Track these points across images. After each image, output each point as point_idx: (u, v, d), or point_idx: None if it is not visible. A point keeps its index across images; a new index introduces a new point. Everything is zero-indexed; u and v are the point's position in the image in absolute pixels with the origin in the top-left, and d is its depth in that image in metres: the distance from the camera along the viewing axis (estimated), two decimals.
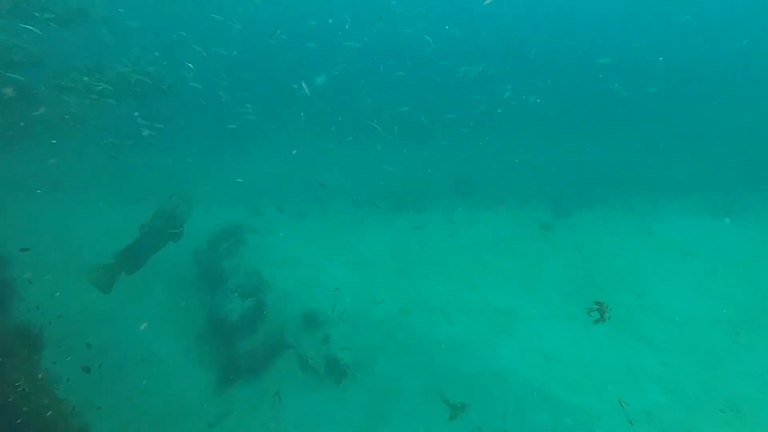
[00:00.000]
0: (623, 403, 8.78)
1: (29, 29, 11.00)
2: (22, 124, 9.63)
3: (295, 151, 19.07)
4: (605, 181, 20.31)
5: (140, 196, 17.15)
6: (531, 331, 11.63)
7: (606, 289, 13.01)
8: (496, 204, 19.39)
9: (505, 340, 11.49)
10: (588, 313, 8.61)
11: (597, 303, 8.58)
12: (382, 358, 11.71)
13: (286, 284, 14.94)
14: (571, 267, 14.29)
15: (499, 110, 18.41)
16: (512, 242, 16.46)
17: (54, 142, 11.75)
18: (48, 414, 5.84)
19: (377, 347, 12.09)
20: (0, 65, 9.77)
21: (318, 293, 14.41)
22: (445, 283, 14.22)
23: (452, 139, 22.63)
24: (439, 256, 15.86)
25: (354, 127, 23.28)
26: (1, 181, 16.87)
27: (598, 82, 24.95)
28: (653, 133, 23.52)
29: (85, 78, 10.93)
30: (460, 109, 22.20)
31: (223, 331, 13.04)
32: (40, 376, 6.07)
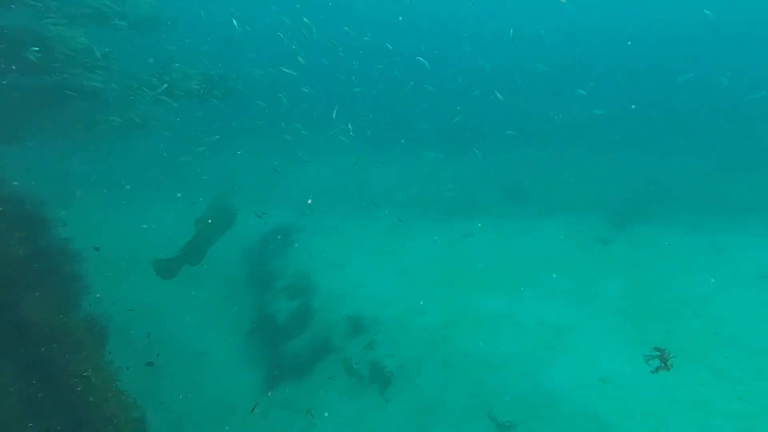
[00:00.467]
0: None
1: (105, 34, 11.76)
2: (95, 126, 10.25)
3: (355, 162, 19.20)
4: (670, 193, 19.02)
5: (197, 193, 17.92)
6: (586, 352, 11.01)
7: (671, 312, 12.12)
8: (548, 214, 18.65)
9: (557, 359, 10.94)
10: (646, 362, 7.60)
11: (657, 349, 7.55)
12: (426, 369, 11.48)
13: (332, 287, 15.02)
14: (632, 285, 13.43)
15: (557, 118, 17.68)
16: (565, 255, 15.73)
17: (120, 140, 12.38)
18: (110, 405, 6.07)
19: (422, 357, 11.87)
20: (76, 68, 10.37)
21: (363, 299, 14.38)
22: (493, 295, 13.78)
23: (504, 146, 22.05)
24: (488, 267, 15.41)
25: (404, 131, 23.27)
26: (72, 179, 18.06)
27: (671, 92, 23.56)
28: (728, 143, 21.82)
29: (154, 80, 11.46)
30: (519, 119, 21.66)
31: (270, 331, 13.32)
32: (104, 367, 6.33)
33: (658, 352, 7.28)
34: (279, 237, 17.24)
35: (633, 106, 22.29)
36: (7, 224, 6.04)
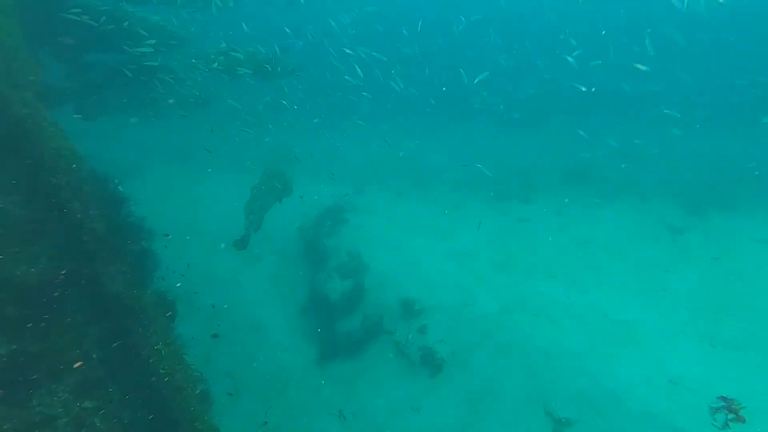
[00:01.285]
0: None
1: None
2: (171, 100, 10.62)
3: (416, 142, 18.88)
4: (755, 179, 17.26)
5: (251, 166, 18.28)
6: (653, 349, 10.37)
7: (751, 310, 11.12)
8: (612, 197, 17.50)
9: (621, 355, 10.39)
10: (712, 415, 6.29)
11: (723, 399, 6.21)
12: (479, 357, 11.29)
13: (385, 268, 15.03)
14: (707, 280, 12.43)
15: (627, 88, 16.25)
16: (631, 243, 14.78)
17: (184, 115, 12.70)
18: (178, 377, 6.34)
19: (475, 344, 11.68)
20: (149, 46, 10.67)
21: (416, 281, 14.29)
22: (551, 284, 13.25)
23: (565, 124, 20.81)
24: (545, 253, 14.80)
25: (460, 109, 22.51)
26: (139, 154, 19.00)
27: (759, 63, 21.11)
28: None
29: (221, 57, 11.65)
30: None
31: (323, 308, 13.57)
32: (173, 341, 6.61)
33: (725, 403, 6.02)
34: (334, 216, 17.34)
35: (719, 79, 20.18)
36: (88, 201, 6.34)
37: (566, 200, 17.10)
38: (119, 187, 6.64)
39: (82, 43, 9.52)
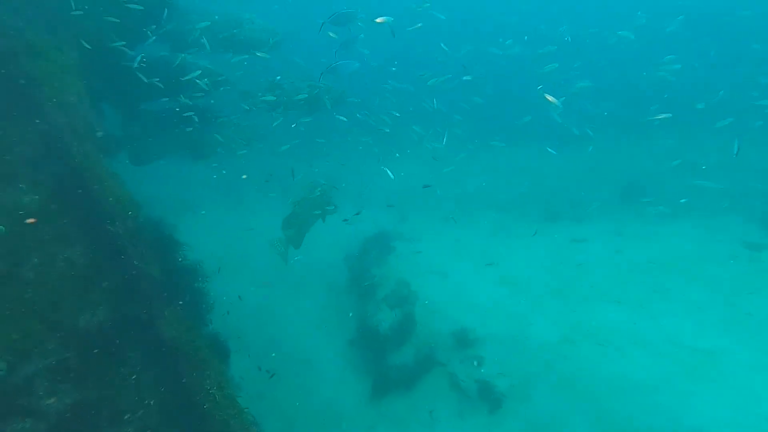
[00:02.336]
0: None
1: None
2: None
3: (463, 155, 18.60)
4: None
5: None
6: (741, 383, 9.29)
7: None
8: (677, 214, 16.31)
9: (703, 389, 9.37)
10: None
11: None
12: (541, 391, 10.56)
13: (434, 296, 14.60)
14: None
15: (701, 106, 15.39)
16: (704, 263, 13.61)
17: (243, 152, 12.96)
18: (234, 422, 6.23)
19: (535, 377, 10.96)
20: (197, 90, 11.16)
21: (467, 310, 13.76)
22: (615, 309, 12.33)
23: (618, 138, 19.85)
24: (606, 276, 13.88)
25: (506, 129, 22.01)
26: (192, 193, 19.78)
27: None
28: None
29: (268, 96, 12.01)
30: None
31: (373, 341, 13.28)
32: (227, 385, 6.54)
33: None
34: (379, 244, 17.18)
35: None
36: (144, 247, 6.48)
37: (625, 219, 16.10)
38: (173, 232, 6.76)
39: (139, 92, 10.09)
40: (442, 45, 15.89)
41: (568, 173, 20.15)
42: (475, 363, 11.57)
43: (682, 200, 15.56)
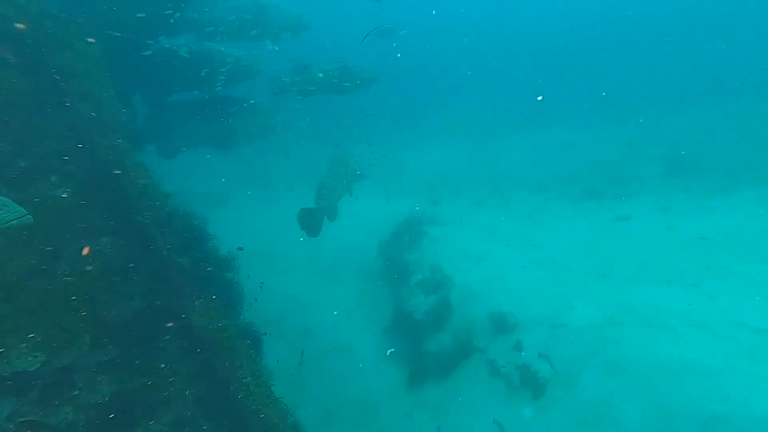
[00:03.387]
0: None
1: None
2: (253, 128, 10.94)
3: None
4: None
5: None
6: None
7: None
8: (731, 187, 15.16)
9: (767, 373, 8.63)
10: None
11: None
12: (588, 376, 10.03)
13: (470, 280, 14.18)
14: None
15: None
16: (762, 239, 12.58)
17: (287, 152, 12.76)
18: (269, 411, 6.10)
19: (581, 362, 10.42)
20: (226, 79, 11.03)
21: (504, 293, 13.29)
22: (666, 290, 11.57)
23: (661, 109, 18.61)
24: (654, 255, 13.06)
25: (533, 108, 21.13)
26: (221, 184, 19.93)
27: None
28: None
29: (297, 78, 11.76)
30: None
31: (409, 327, 13.03)
32: (260, 374, 6.42)
33: None
34: (412, 229, 16.82)
35: None
36: (174, 237, 6.39)
37: (676, 194, 15.07)
38: (203, 222, 6.63)
39: (167, 84, 10.06)
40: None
41: (607, 148, 19.10)
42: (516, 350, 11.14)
43: (738, 172, 14.44)
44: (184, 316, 6.26)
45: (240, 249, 8.02)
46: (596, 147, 19.43)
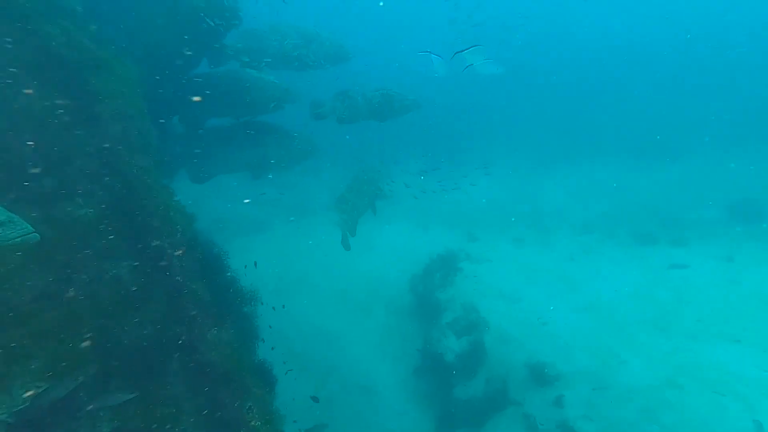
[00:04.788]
0: None
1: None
2: (272, 161, 10.83)
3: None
4: None
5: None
6: None
7: None
8: None
9: None
10: None
11: None
12: None
13: (506, 323, 13.25)
14: None
15: None
16: None
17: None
18: None
19: (631, 426, 9.24)
20: (263, 105, 11.04)
21: (544, 339, 12.26)
22: (735, 351, 10.23)
23: (724, 149, 17.28)
24: (717, 310, 11.71)
25: (582, 142, 20.22)
26: (259, 210, 20.00)
27: None
28: None
29: (338, 104, 11.69)
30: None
31: (439, 370, 12.18)
32: (272, 418, 5.88)
33: None
34: (446, 265, 16.09)
35: None
36: (192, 264, 6.09)
37: (737, 242, 13.69)
38: (223, 251, 6.32)
39: (206, 109, 10.14)
40: None
41: (661, 189, 17.82)
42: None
43: None
44: (195, 347, 5.88)
45: (255, 264, 7.67)
46: (648, 187, 18.18)
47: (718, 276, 12.74)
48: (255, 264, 6.98)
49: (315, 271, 16.61)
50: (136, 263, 6.08)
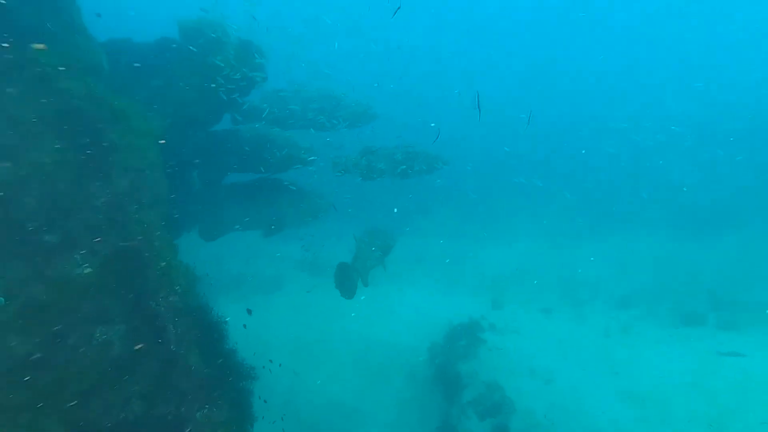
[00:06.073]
0: None
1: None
2: (284, 219, 10.61)
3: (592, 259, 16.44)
4: None
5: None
6: None
7: None
8: None
9: None
10: None
11: None
12: None
13: (535, 406, 11.96)
14: None
15: None
16: None
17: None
18: None
19: None
20: (288, 164, 10.98)
21: (578, 428, 10.91)
22: None
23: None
24: None
25: (616, 211, 19.35)
26: (274, 268, 19.56)
27: None
28: None
29: (362, 161, 11.55)
30: None
31: None
32: None
33: None
34: (469, 334, 15.04)
35: None
36: (187, 332, 5.57)
37: None
38: (221, 319, 5.80)
39: (227, 164, 10.10)
40: None
41: (710, 264, 16.49)
42: None
43: None
44: (182, 428, 5.23)
45: (249, 311, 7.08)
46: (695, 261, 16.88)
47: None
48: (249, 312, 6.41)
49: (335, 335, 15.84)
50: (129, 327, 5.62)
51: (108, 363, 5.35)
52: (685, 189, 16.40)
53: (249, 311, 6.48)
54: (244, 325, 6.53)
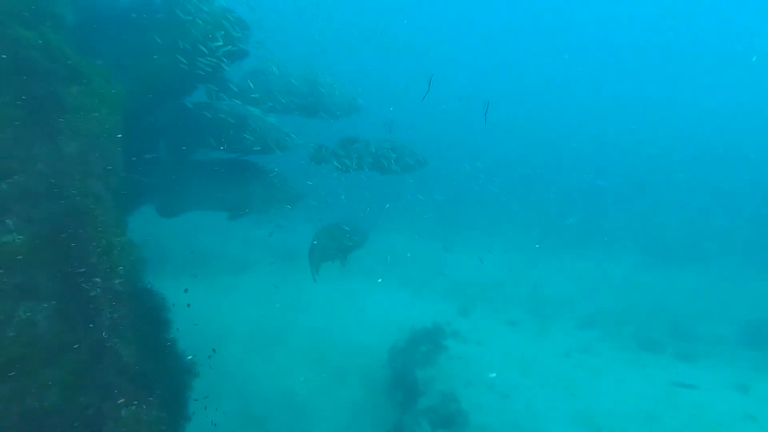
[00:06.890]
0: None
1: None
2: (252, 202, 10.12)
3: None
4: None
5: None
6: None
7: None
8: None
9: None
10: None
11: None
12: None
13: (490, 422, 11.84)
14: None
15: None
16: None
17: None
18: None
19: None
20: (263, 147, 10.49)
21: None
22: None
23: (740, 262, 16.39)
24: None
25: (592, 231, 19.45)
26: (244, 250, 19.05)
27: None
28: None
29: (341, 151, 11.17)
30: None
31: None
32: None
33: None
34: (430, 340, 14.83)
35: None
36: (122, 317, 5.08)
37: (751, 368, 12.46)
38: (165, 306, 5.33)
39: (198, 138, 9.54)
40: None
41: (674, 295, 16.73)
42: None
43: None
44: (102, 425, 4.76)
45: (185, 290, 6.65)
46: (661, 290, 17.11)
47: (732, 407, 11.39)
48: (188, 305, 5.98)
49: (297, 327, 15.43)
50: (58, 307, 5.09)
51: (28, 344, 4.82)
52: (657, 217, 16.56)
53: (185, 290, 6.06)
54: (188, 305, 6.06)
